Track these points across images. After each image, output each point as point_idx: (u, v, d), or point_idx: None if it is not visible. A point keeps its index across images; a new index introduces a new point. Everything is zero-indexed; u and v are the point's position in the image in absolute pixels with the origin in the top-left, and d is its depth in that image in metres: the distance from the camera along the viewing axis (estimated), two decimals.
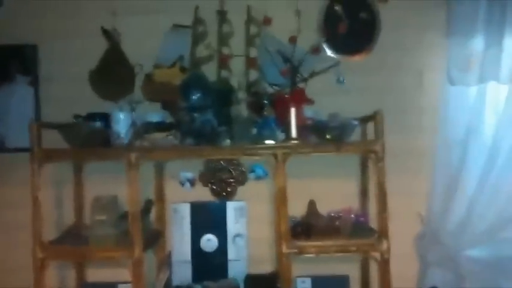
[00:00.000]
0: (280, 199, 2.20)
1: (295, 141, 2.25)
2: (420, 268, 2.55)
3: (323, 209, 2.47)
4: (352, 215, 2.38)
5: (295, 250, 2.19)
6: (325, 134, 2.24)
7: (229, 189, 2.63)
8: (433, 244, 2.47)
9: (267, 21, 2.38)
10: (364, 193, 2.57)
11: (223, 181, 2.64)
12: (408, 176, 2.54)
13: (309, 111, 2.40)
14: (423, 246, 2.52)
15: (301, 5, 2.47)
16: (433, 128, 2.57)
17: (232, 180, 2.64)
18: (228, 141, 2.24)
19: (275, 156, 2.20)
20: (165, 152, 2.25)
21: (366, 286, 2.56)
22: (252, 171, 2.63)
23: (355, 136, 2.40)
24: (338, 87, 2.53)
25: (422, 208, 2.56)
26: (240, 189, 2.65)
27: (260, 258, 2.53)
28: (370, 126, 2.36)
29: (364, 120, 2.35)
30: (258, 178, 2.64)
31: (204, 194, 2.64)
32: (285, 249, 2.18)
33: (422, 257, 2.53)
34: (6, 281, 2.63)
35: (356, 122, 2.26)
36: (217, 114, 2.30)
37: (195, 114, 2.28)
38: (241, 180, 2.64)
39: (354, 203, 2.55)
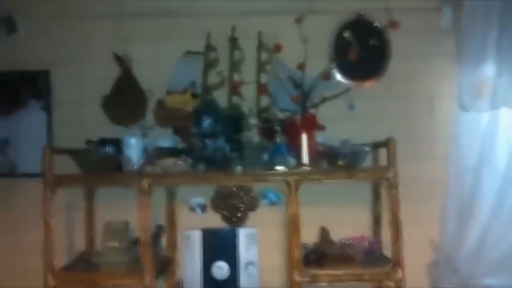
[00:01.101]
0: (293, 226, 2.18)
1: (307, 168, 2.24)
2: None
3: (335, 236, 2.45)
4: (365, 243, 2.35)
5: (308, 279, 2.16)
6: (337, 161, 2.24)
7: (239, 215, 2.62)
8: (447, 272, 2.44)
9: (278, 48, 2.40)
10: (376, 220, 2.54)
11: (234, 207, 2.62)
12: (420, 203, 2.52)
13: (319, 137, 2.40)
14: (437, 274, 2.49)
15: (310, 31, 2.48)
16: (445, 155, 2.56)
17: (243, 206, 2.62)
18: (239, 168, 2.24)
19: (287, 182, 2.19)
20: (177, 177, 2.25)
21: None
22: (264, 196, 2.62)
23: (367, 163, 2.39)
24: (348, 113, 2.53)
25: (435, 235, 2.53)
26: (251, 216, 2.63)
27: (271, 286, 2.49)
28: (382, 152, 2.36)
29: (376, 146, 2.34)
30: (271, 203, 2.62)
31: (214, 220, 2.63)
32: (297, 278, 2.16)
33: (437, 285, 2.49)
34: None
35: (368, 149, 2.26)
36: (228, 140, 2.31)
37: (207, 141, 2.28)
38: (252, 206, 2.63)
39: (366, 231, 2.52)
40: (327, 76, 2.43)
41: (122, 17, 2.70)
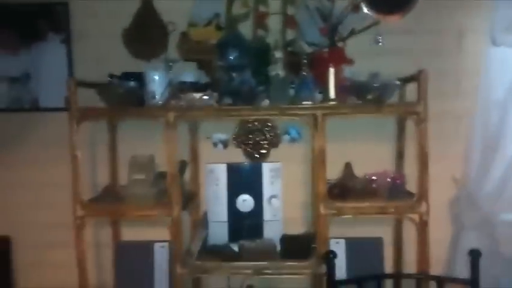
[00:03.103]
0: (319, 160, 2.18)
1: (335, 102, 2.21)
2: (454, 231, 2.55)
3: (359, 171, 2.45)
4: (389, 178, 2.36)
5: (333, 211, 2.18)
6: (365, 95, 2.20)
7: (262, 151, 2.62)
8: (468, 207, 2.46)
9: None
10: (400, 156, 2.54)
11: (257, 143, 2.62)
12: (446, 139, 2.51)
13: (346, 72, 2.35)
14: (458, 209, 2.51)
15: None
16: (473, 91, 2.51)
17: (265, 142, 2.62)
18: (266, 101, 2.22)
19: (314, 117, 2.17)
20: (203, 111, 2.23)
21: (399, 248, 2.56)
22: (287, 133, 2.61)
23: (394, 98, 2.36)
24: (376, 48, 2.46)
25: (459, 172, 2.54)
26: (273, 152, 2.64)
27: (293, 219, 2.54)
28: (409, 88, 2.33)
29: (406, 80, 2.29)
30: (293, 140, 2.62)
31: (236, 155, 2.64)
32: (322, 210, 2.18)
33: (457, 221, 2.52)
34: (44, 238, 2.68)
35: (398, 82, 2.21)
36: (255, 73, 2.27)
37: (233, 74, 2.25)
38: (275, 142, 2.63)
39: (390, 166, 2.53)
40: (356, 8, 2.34)
41: None
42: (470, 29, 2.56)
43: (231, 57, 2.27)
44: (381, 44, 2.43)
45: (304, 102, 2.22)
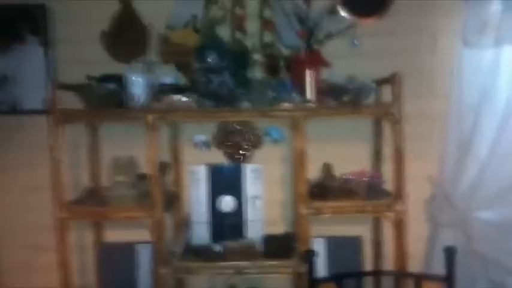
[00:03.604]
0: (299, 161, 2.23)
1: (313, 104, 2.26)
2: (431, 229, 2.61)
3: (337, 172, 2.50)
4: (366, 177, 2.41)
5: (313, 211, 2.23)
6: (342, 97, 2.25)
7: (243, 153, 2.66)
8: (444, 206, 2.52)
9: None
10: (377, 156, 2.60)
11: (237, 144, 2.66)
12: (421, 140, 2.55)
13: (324, 75, 2.40)
14: (434, 208, 2.58)
15: None
16: (447, 92, 2.57)
17: (246, 143, 2.65)
18: (246, 103, 2.25)
19: (293, 119, 2.21)
20: (183, 113, 2.25)
21: (378, 246, 2.62)
22: (268, 134, 2.64)
23: (370, 100, 2.41)
24: (352, 50, 2.52)
25: (434, 171, 2.60)
26: (255, 153, 2.67)
27: (274, 219, 2.58)
28: (385, 89, 2.38)
29: (381, 82, 2.35)
30: (274, 141, 2.65)
31: (218, 157, 2.66)
32: (302, 210, 2.23)
33: (433, 219, 2.59)
34: (27, 241, 2.68)
35: (373, 85, 2.27)
36: (233, 76, 2.30)
37: (212, 76, 2.27)
38: (256, 144, 2.66)
39: (367, 166, 2.58)
40: (332, 11, 2.39)
41: None
42: (445, 30, 2.61)
43: (209, 60, 2.29)
44: (357, 46, 2.49)
45: (283, 105, 2.26)
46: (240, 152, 2.65)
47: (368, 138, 2.63)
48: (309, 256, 2.03)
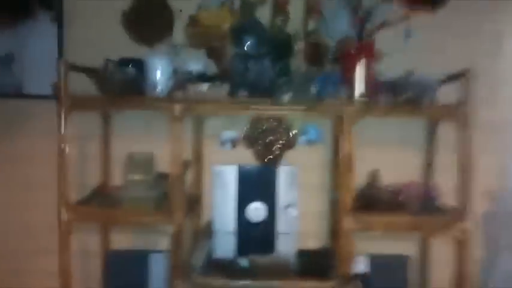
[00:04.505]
0: (346, 167, 1.91)
1: (366, 101, 1.94)
2: (488, 251, 2.29)
3: (382, 180, 2.18)
4: (420, 189, 2.09)
5: (360, 226, 1.91)
6: (401, 94, 1.94)
7: (276, 153, 2.34)
8: (506, 226, 2.20)
9: None
10: (431, 165, 2.28)
11: (270, 143, 2.34)
12: (479, 150, 2.24)
13: (375, 68, 2.08)
14: (494, 228, 2.25)
15: None
16: (509, 100, 2.27)
17: (280, 142, 2.34)
18: (288, 96, 1.94)
19: (341, 117, 1.89)
20: (214, 104, 1.94)
21: (425, 267, 2.29)
22: (304, 133, 2.33)
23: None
24: (405, 44, 2.20)
25: (491, 185, 2.28)
26: (288, 154, 2.35)
27: (308, 232, 2.26)
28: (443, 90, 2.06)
29: (448, 79, 2.01)
30: (310, 142, 2.34)
31: (245, 157, 2.34)
32: (347, 224, 1.90)
33: (492, 240, 2.27)
34: (28, 244, 2.39)
35: (438, 81, 1.94)
36: (274, 64, 1.99)
37: (249, 64, 1.97)
38: (291, 144, 2.34)
39: (417, 176, 2.27)
40: None
41: None
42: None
43: (248, 45, 1.99)
44: (411, 38, 2.17)
45: (329, 100, 1.94)
46: (274, 152, 2.33)
47: (419, 144, 2.31)
48: (358, 281, 1.70)
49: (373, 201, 2.06)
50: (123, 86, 2.03)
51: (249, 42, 1.99)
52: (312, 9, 2.16)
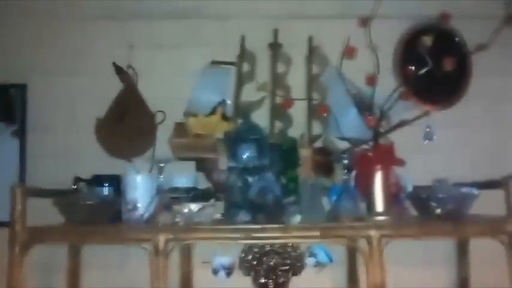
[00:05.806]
0: None
1: (389, 219, 1.61)
2: None
3: None
4: None
5: None
6: (432, 209, 1.60)
7: (280, 280, 1.94)
8: None
9: (350, 52, 1.73)
10: (463, 286, 1.91)
11: (272, 269, 1.95)
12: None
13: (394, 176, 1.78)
14: None
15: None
16: None
17: (284, 267, 1.95)
18: (298, 218, 1.59)
19: (369, 239, 1.53)
20: (207, 232, 1.57)
21: None
22: (312, 255, 1.96)
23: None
24: (426, 143, 1.92)
25: None
26: (294, 280, 1.97)
27: None
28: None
29: (483, 187, 1.69)
30: (319, 265, 1.96)
31: (243, 285, 1.95)
32: None
33: None
34: None
35: (476, 192, 1.62)
36: (278, 179, 1.67)
37: (250, 178, 1.64)
38: (297, 268, 1.96)
39: None
40: (407, 96, 1.80)
41: (123, 18, 2.08)
42: None
43: (246, 156, 1.67)
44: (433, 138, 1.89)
45: (346, 218, 1.60)
46: (277, 280, 1.94)
47: (449, 261, 1.96)
48: None
49: None
50: (95, 210, 1.67)
51: (247, 153, 1.67)
52: (321, 110, 1.88)
